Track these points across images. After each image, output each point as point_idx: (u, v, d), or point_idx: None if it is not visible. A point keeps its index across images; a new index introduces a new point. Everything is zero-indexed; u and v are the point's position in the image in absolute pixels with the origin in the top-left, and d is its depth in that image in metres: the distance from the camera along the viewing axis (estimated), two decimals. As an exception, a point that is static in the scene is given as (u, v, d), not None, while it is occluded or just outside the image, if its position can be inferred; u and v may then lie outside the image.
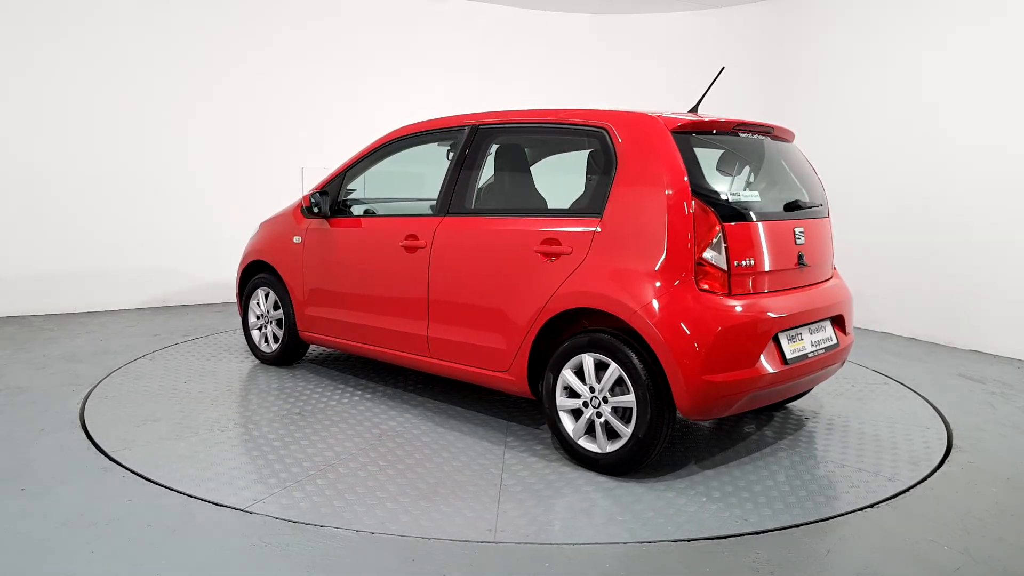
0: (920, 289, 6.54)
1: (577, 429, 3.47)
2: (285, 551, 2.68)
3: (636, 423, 3.25)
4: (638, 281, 3.26)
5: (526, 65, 8.65)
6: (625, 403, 3.29)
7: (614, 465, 3.36)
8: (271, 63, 7.65)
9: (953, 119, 6.23)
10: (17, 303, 6.72)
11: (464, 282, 3.89)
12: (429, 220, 4.11)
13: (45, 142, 6.70)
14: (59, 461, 3.46)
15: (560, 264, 3.50)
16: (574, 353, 3.46)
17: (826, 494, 3.27)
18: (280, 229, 5.00)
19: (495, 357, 3.78)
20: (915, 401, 4.70)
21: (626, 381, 3.28)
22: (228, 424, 4.01)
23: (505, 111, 4.11)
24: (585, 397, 3.43)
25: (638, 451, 3.27)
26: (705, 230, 3.22)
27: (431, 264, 4.02)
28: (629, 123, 3.49)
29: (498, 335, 3.74)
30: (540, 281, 3.55)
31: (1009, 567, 2.68)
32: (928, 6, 6.43)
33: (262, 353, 5.21)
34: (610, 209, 3.41)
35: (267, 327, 5.15)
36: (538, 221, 3.69)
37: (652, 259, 3.25)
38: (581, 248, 3.45)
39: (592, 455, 3.42)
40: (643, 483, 3.33)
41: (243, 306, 5.31)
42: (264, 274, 5.12)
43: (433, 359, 4.11)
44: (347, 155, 5.63)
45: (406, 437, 3.87)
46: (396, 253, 4.20)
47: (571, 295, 3.43)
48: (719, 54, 8.39)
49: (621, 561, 2.67)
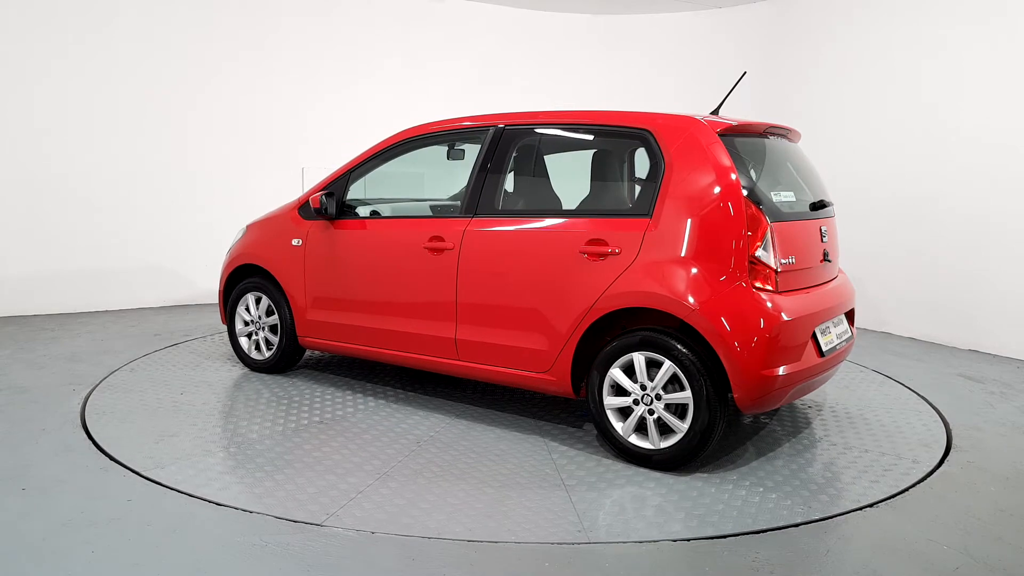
0: (920, 289, 6.54)
1: (627, 427, 3.53)
2: (285, 551, 2.68)
3: (692, 418, 3.34)
4: (695, 280, 3.35)
5: (525, 65, 8.65)
6: (680, 399, 3.37)
7: (668, 460, 3.44)
8: (271, 63, 7.65)
9: (953, 118, 6.23)
10: (17, 303, 6.71)
11: (499, 284, 3.86)
12: (455, 221, 4.04)
13: (45, 142, 6.70)
14: (59, 461, 3.46)
15: (608, 264, 3.53)
16: (624, 352, 3.50)
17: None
18: (275, 231, 4.81)
19: (534, 358, 3.77)
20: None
21: (681, 378, 3.35)
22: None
23: (538, 112, 4.10)
24: (636, 395, 3.49)
25: (694, 446, 3.36)
26: (757, 229, 3.35)
27: (460, 266, 3.96)
28: (676, 126, 3.57)
29: (538, 336, 3.74)
30: (586, 281, 3.57)
31: (1009, 567, 2.68)
32: (928, 6, 6.43)
33: (253, 361, 4.99)
34: (660, 209, 3.47)
35: (259, 334, 4.94)
36: (580, 222, 3.71)
37: (708, 259, 3.35)
38: (631, 248, 3.49)
39: (644, 452, 3.49)
40: (684, 477, 3.35)
41: (228, 312, 5.08)
42: (255, 278, 4.92)
43: (461, 362, 4.05)
44: (347, 155, 5.61)
45: (444, 442, 3.80)
46: (418, 255, 4.11)
47: (623, 295, 3.47)
48: (719, 54, 8.40)
49: (621, 560, 2.68)
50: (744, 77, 4.46)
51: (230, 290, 5.12)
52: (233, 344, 5.09)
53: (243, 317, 5.01)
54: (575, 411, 4.32)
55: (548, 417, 4.21)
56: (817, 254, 3.77)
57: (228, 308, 5.07)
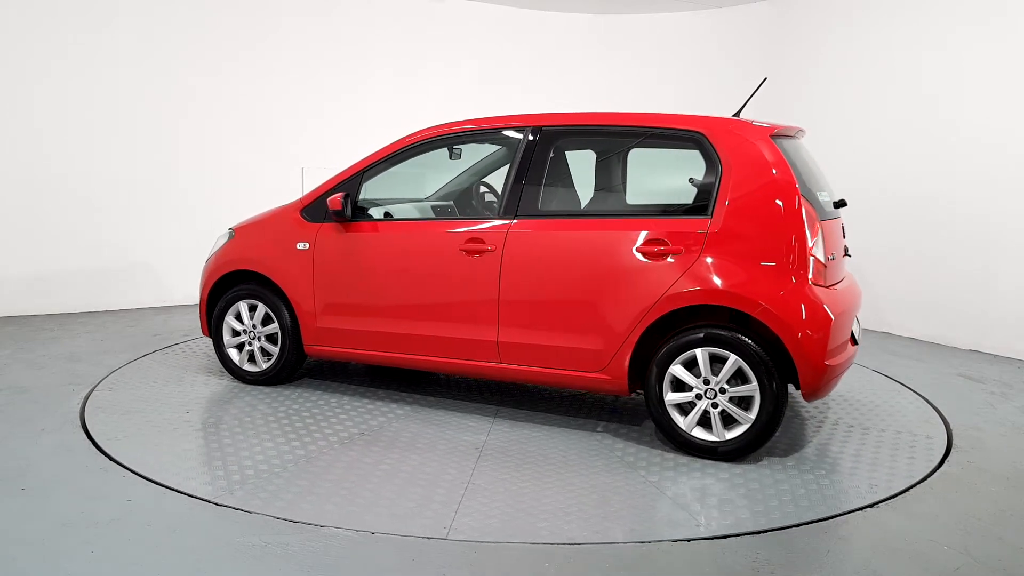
0: (920, 289, 6.54)
1: (689, 421, 3.62)
2: (285, 551, 2.68)
3: (760, 409, 3.48)
4: (762, 277, 3.50)
5: (526, 65, 8.64)
6: (744, 392, 3.51)
7: (735, 451, 3.57)
8: (270, 63, 7.65)
9: (953, 118, 6.23)
10: (17, 303, 6.71)
11: (548, 285, 3.85)
12: (495, 223, 4.00)
13: (45, 142, 6.70)
14: (59, 461, 3.46)
15: (669, 264, 3.61)
16: (686, 348, 3.58)
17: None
18: (274, 235, 4.56)
19: (588, 358, 3.80)
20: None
21: (746, 371, 3.48)
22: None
23: (580, 113, 4.12)
24: (699, 389, 3.59)
25: (761, 435, 3.51)
26: (812, 227, 3.54)
27: (503, 268, 3.92)
28: (730, 129, 3.71)
29: (593, 336, 3.77)
30: (646, 280, 3.64)
31: (1009, 567, 2.68)
32: (928, 6, 6.43)
33: (247, 373, 4.68)
34: (720, 209, 3.59)
35: (253, 344, 4.64)
36: (634, 222, 3.78)
37: (771, 256, 3.51)
38: (693, 247, 3.59)
39: (709, 444, 3.60)
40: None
41: (212, 322, 4.73)
42: (248, 285, 4.62)
43: (503, 364, 4.01)
44: (347, 154, 5.60)
45: (508, 450, 3.71)
46: (453, 257, 4.03)
47: (690, 293, 3.56)
48: (719, 54, 8.40)
49: (620, 560, 2.67)
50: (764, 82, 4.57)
51: (214, 299, 4.78)
52: (221, 356, 4.75)
53: (233, 327, 4.68)
54: (630, 408, 4.33)
55: (583, 415, 4.22)
56: (841, 251, 3.98)
57: (214, 318, 4.72)
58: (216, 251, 4.81)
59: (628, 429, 4.06)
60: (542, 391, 4.70)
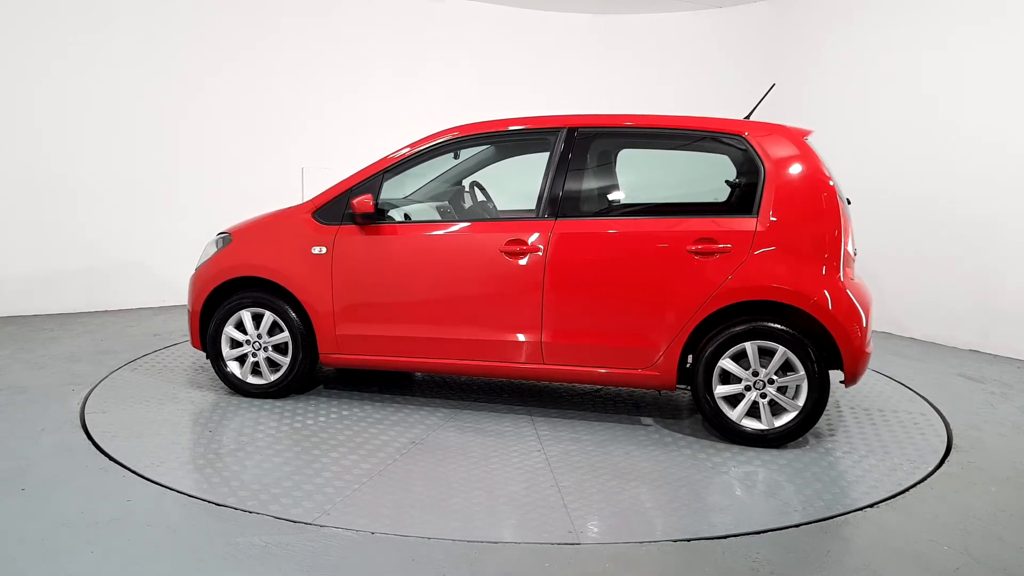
0: (920, 289, 6.54)
1: (739, 412, 3.79)
2: (285, 551, 2.68)
3: (807, 397, 3.69)
4: (808, 272, 3.72)
5: (526, 65, 8.64)
6: (793, 381, 3.72)
7: (783, 437, 3.77)
8: (270, 63, 7.65)
9: (953, 118, 6.23)
10: (17, 303, 6.71)
11: (596, 285, 3.90)
12: (537, 224, 3.99)
13: (45, 142, 6.70)
14: (59, 461, 3.46)
15: (719, 261, 3.76)
16: (735, 342, 3.74)
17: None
18: (283, 238, 4.34)
19: (636, 355, 3.90)
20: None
21: (793, 361, 3.68)
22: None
23: (620, 115, 4.17)
24: (747, 381, 3.76)
25: (807, 421, 3.73)
26: (845, 223, 3.79)
27: (548, 269, 3.93)
28: (769, 132, 3.90)
29: (643, 334, 3.87)
30: (696, 278, 3.78)
31: (1009, 567, 2.68)
32: (928, 6, 6.43)
33: (252, 386, 4.41)
34: (765, 208, 3.76)
35: (258, 355, 4.37)
36: (681, 221, 3.89)
37: (813, 251, 3.74)
38: (742, 245, 3.75)
39: (759, 433, 3.78)
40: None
41: (209, 336, 4.42)
42: (250, 293, 4.35)
43: (547, 365, 4.02)
44: (347, 154, 5.62)
45: (571, 459, 3.63)
46: (493, 260, 4.00)
47: (740, 289, 3.72)
48: (719, 54, 8.40)
49: (620, 560, 2.67)
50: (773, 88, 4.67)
51: (207, 310, 4.46)
52: (220, 371, 4.45)
53: (233, 338, 4.39)
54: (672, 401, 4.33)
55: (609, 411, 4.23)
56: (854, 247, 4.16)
57: (211, 330, 4.41)
58: (209, 258, 4.51)
59: (679, 423, 4.06)
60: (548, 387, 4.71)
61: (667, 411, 4.39)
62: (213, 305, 4.45)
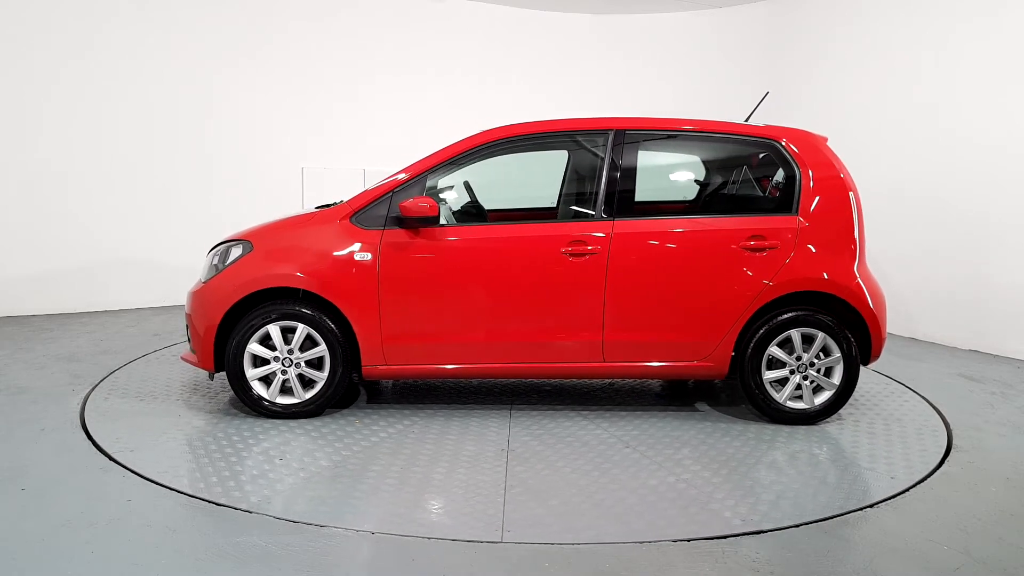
0: (920, 289, 6.54)
1: (784, 395, 4.13)
2: (285, 551, 2.68)
3: (843, 376, 4.10)
4: (842, 265, 4.10)
5: (526, 65, 8.65)
6: (830, 363, 4.11)
7: (821, 414, 4.16)
8: (272, 63, 7.65)
9: (953, 118, 6.23)
10: (17, 303, 6.72)
11: (656, 283, 4.06)
12: (596, 224, 4.06)
13: (45, 142, 6.70)
14: (59, 461, 3.46)
15: (767, 256, 4.05)
16: (782, 330, 4.06)
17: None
18: (318, 246, 4.02)
19: (692, 349, 4.12)
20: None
21: (830, 345, 4.07)
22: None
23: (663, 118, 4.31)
24: (791, 365, 4.11)
25: (841, 398, 4.15)
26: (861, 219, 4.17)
27: (610, 268, 4.01)
28: (800, 137, 4.24)
29: (700, 327, 4.09)
30: (748, 273, 4.04)
31: (1009, 567, 2.68)
32: (928, 6, 6.43)
33: (284, 407, 4.07)
34: (803, 207, 4.10)
35: (289, 371, 4.03)
36: (730, 220, 4.13)
37: (845, 246, 4.12)
38: (788, 241, 4.07)
39: (802, 411, 4.15)
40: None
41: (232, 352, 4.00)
42: (277, 306, 4.00)
43: (607, 363, 4.12)
44: (347, 155, 5.63)
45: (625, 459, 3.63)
46: (555, 261, 4.00)
47: (791, 281, 4.04)
48: (719, 54, 8.40)
49: (620, 560, 2.67)
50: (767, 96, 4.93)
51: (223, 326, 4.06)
52: (243, 391, 4.05)
53: (258, 355, 4.02)
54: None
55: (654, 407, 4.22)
56: None
57: (232, 348, 4.00)
58: (227, 267, 4.08)
59: (732, 410, 4.06)
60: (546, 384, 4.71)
61: (664, 409, 4.39)
62: (229, 321, 4.08)
